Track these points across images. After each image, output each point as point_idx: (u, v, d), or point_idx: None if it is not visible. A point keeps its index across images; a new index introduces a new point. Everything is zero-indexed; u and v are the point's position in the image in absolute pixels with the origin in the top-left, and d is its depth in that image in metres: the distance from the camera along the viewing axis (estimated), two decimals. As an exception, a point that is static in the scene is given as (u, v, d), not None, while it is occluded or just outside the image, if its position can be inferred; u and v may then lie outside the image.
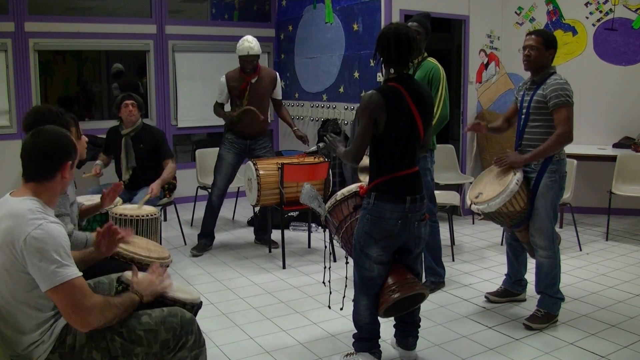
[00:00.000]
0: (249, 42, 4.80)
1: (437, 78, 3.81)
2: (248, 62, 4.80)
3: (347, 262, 3.20)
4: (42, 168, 2.04)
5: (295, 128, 5.13)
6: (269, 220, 5.10)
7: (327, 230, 3.31)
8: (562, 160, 3.43)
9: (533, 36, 3.41)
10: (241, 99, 4.89)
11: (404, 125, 2.73)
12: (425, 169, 3.90)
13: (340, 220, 3.05)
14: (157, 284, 2.21)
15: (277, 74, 5.17)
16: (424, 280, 4.09)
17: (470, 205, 3.51)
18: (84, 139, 2.94)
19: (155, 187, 4.48)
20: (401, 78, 2.78)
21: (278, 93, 5.15)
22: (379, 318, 2.93)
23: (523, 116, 3.48)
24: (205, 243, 5.07)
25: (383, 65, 2.82)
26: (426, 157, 3.90)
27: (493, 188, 3.42)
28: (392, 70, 2.78)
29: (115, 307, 2.00)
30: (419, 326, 3.06)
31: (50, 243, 1.89)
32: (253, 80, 4.89)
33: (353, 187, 3.13)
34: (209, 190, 5.80)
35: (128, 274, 2.25)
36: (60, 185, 2.10)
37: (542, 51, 3.37)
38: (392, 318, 3.04)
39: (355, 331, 2.99)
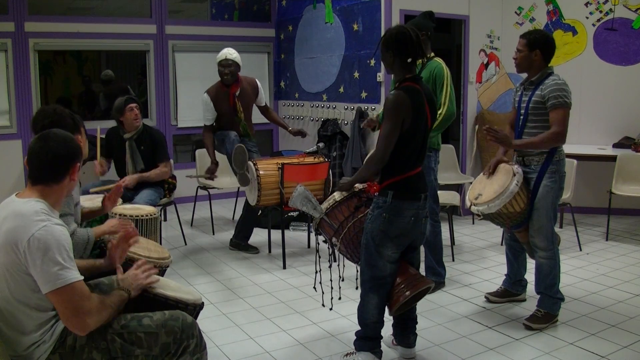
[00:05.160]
0: (228, 49, 4.86)
1: (441, 76, 3.83)
2: (225, 66, 4.79)
3: (330, 266, 3.17)
4: (52, 171, 2.05)
5: (290, 128, 5.13)
6: (269, 223, 5.10)
7: (319, 234, 3.26)
8: (561, 161, 3.42)
9: (519, 39, 3.47)
10: (237, 114, 4.89)
11: (424, 125, 2.81)
12: (429, 169, 3.91)
13: (341, 222, 3.01)
14: (143, 278, 2.21)
15: (257, 80, 5.15)
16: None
17: (470, 207, 3.51)
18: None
19: (129, 178, 4.43)
20: (416, 78, 2.84)
21: (262, 99, 5.15)
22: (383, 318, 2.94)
23: (522, 117, 3.47)
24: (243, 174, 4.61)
25: (396, 67, 2.82)
26: (430, 157, 3.90)
27: (493, 189, 3.41)
28: (408, 67, 2.80)
29: (110, 308, 2.02)
30: (417, 322, 3.10)
31: (54, 245, 1.89)
32: (237, 93, 4.88)
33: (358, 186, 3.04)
34: (209, 190, 5.81)
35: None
36: (68, 187, 2.12)
37: (525, 53, 3.40)
38: (390, 318, 3.04)
39: (358, 329, 2.99)
